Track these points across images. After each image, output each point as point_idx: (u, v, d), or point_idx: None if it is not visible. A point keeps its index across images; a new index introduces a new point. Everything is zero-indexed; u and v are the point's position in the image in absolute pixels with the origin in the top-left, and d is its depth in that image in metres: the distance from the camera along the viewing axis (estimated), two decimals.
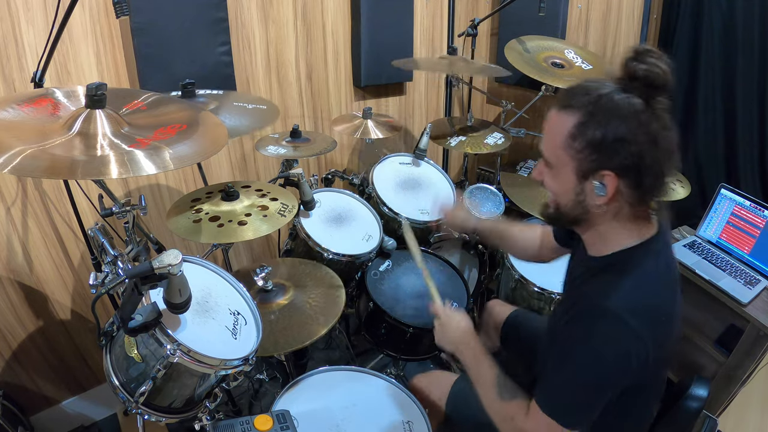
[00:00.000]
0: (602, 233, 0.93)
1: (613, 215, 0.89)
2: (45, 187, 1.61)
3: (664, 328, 0.88)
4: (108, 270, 1.07)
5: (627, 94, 0.81)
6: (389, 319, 1.58)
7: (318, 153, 1.81)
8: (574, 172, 0.87)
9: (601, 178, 0.84)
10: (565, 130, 0.85)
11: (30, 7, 1.44)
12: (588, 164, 0.84)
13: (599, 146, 0.82)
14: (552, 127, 0.89)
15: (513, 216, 2.21)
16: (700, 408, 1.08)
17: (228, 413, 1.74)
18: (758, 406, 2.01)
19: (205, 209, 1.36)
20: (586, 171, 0.85)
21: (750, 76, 2.10)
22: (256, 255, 2.31)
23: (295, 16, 2.04)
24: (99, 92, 1.01)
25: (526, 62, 2.02)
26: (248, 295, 1.19)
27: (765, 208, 1.80)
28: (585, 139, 0.83)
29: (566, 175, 0.88)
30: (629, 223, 0.90)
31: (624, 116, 0.80)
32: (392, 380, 1.37)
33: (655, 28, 2.32)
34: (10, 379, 1.69)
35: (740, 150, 2.21)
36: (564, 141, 0.85)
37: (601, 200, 0.86)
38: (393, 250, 1.81)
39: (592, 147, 0.83)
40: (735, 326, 1.74)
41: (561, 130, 0.86)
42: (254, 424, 1.08)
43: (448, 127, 2.29)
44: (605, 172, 0.83)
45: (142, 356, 0.98)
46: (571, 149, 0.85)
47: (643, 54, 0.81)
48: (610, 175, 0.83)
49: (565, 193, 0.91)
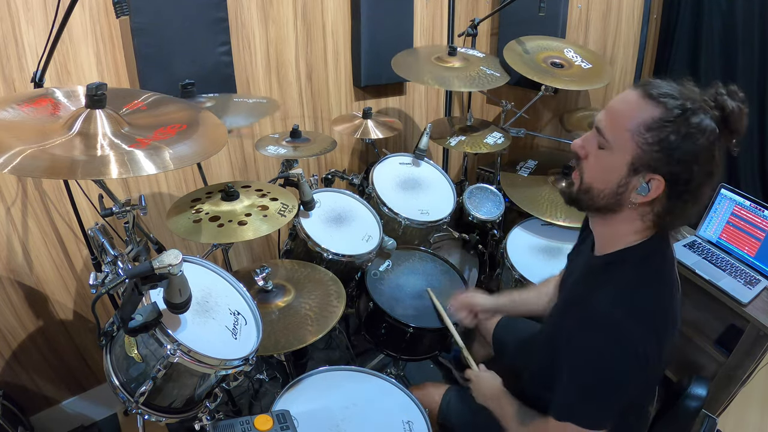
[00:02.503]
0: (616, 230, 0.93)
1: (639, 216, 0.89)
2: (45, 187, 1.61)
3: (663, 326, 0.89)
4: (108, 270, 1.07)
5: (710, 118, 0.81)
6: (389, 319, 1.58)
7: (318, 153, 1.81)
8: (629, 161, 0.84)
9: (651, 179, 0.83)
10: (642, 118, 0.82)
11: (30, 7, 1.44)
12: (648, 160, 0.83)
13: (668, 149, 0.81)
14: (626, 109, 0.85)
15: (513, 216, 2.22)
16: (699, 407, 1.08)
17: (228, 413, 1.74)
18: (758, 406, 2.01)
19: (205, 209, 1.36)
20: (641, 166, 0.83)
21: (750, 76, 2.09)
22: (256, 255, 2.32)
23: (295, 16, 2.04)
24: (99, 92, 1.01)
25: (525, 63, 2.02)
26: (248, 295, 1.19)
27: (765, 208, 1.80)
28: (659, 137, 0.81)
29: (619, 161, 0.85)
30: (646, 227, 0.90)
31: (701, 134, 0.80)
32: (392, 380, 1.37)
33: (655, 28, 2.32)
34: (10, 379, 1.69)
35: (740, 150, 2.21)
36: (636, 127, 0.83)
37: (640, 199, 0.85)
38: (393, 250, 1.81)
39: (662, 147, 0.81)
40: (735, 326, 1.74)
41: (637, 115, 0.83)
42: (254, 424, 1.08)
43: (448, 127, 2.30)
44: (657, 176, 0.83)
45: (142, 356, 0.98)
46: (641, 138, 0.82)
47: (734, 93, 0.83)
48: (660, 180, 0.83)
49: (607, 179, 0.88)
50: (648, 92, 0.83)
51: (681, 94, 0.82)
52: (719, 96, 0.82)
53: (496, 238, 2.19)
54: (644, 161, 0.83)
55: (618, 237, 0.93)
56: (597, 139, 0.89)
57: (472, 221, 2.08)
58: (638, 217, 0.89)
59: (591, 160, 0.90)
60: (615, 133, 0.85)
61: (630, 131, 0.83)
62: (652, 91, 0.83)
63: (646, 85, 0.84)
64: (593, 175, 0.90)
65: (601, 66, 2.13)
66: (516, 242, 1.98)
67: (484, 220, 2.07)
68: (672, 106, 0.81)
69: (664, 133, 0.80)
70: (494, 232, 2.17)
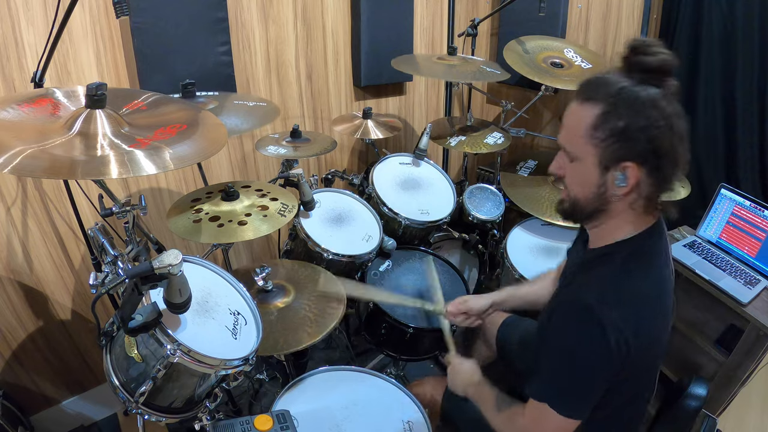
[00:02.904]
0: (610, 226, 0.95)
1: (629, 206, 0.91)
2: (45, 187, 1.61)
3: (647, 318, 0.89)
4: (108, 270, 1.07)
5: (644, 86, 0.84)
6: (389, 319, 1.58)
7: (318, 153, 1.81)
8: (596, 162, 0.88)
9: (624, 169, 0.86)
10: (588, 121, 0.87)
11: (30, 7, 1.44)
12: (610, 154, 0.86)
13: (622, 135, 0.84)
14: (574, 120, 0.90)
15: (513, 216, 2.22)
16: (699, 407, 1.08)
17: (228, 413, 1.74)
18: (758, 406, 2.01)
19: (205, 209, 1.36)
20: (609, 161, 0.87)
21: (750, 76, 2.09)
22: (256, 255, 2.31)
23: (295, 16, 2.04)
24: (99, 92, 1.01)
25: (525, 63, 2.02)
26: (248, 295, 1.19)
27: (765, 208, 1.80)
28: (608, 128, 0.85)
29: (588, 167, 0.90)
30: (638, 216, 0.93)
31: (644, 105, 0.83)
32: (392, 380, 1.37)
33: (655, 28, 2.32)
34: (10, 379, 1.69)
35: (740, 150, 2.21)
36: (586, 131, 0.87)
37: (622, 191, 0.88)
38: (393, 250, 1.81)
39: (616, 136, 0.85)
40: (735, 326, 1.74)
41: (583, 121, 0.88)
42: (254, 424, 1.08)
43: (448, 127, 2.30)
44: (627, 163, 0.86)
45: (142, 356, 0.98)
46: (594, 139, 0.87)
47: (650, 46, 0.85)
48: (632, 166, 0.86)
49: (587, 185, 0.92)
50: (583, 97, 0.89)
51: (612, 81, 0.86)
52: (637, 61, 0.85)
53: (496, 238, 2.19)
54: (608, 156, 0.87)
55: (611, 231, 0.95)
56: (566, 156, 0.94)
57: (472, 221, 2.08)
58: (628, 206, 0.91)
59: (569, 175, 0.96)
60: (574, 145, 0.91)
61: (583, 137, 0.88)
62: (586, 94, 0.88)
63: (580, 92, 0.90)
64: (574, 187, 0.95)
65: (601, 66, 2.13)
66: (516, 242, 1.98)
67: (484, 220, 2.07)
68: (605, 96, 0.85)
69: (610, 123, 0.85)
70: (494, 232, 2.17)
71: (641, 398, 1.04)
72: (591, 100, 0.87)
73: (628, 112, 0.83)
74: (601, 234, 0.98)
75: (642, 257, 0.92)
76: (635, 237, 0.93)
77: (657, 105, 0.83)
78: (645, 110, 0.83)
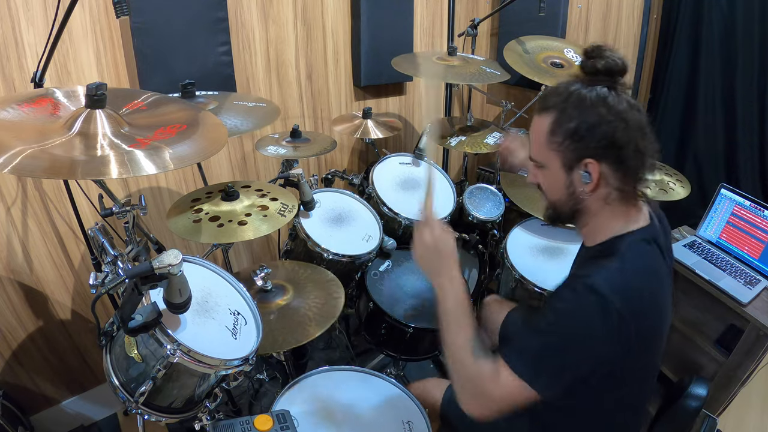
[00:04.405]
0: (597, 224, 0.99)
1: (604, 201, 0.95)
2: (45, 187, 1.61)
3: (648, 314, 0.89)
4: (108, 270, 1.06)
5: (592, 87, 0.90)
6: (389, 319, 1.58)
7: (318, 153, 1.81)
8: (560, 165, 0.94)
9: (585, 166, 0.91)
10: (546, 129, 0.94)
11: (30, 7, 1.44)
12: (570, 154, 0.92)
13: (575, 135, 0.90)
14: (535, 130, 0.97)
15: (513, 216, 2.22)
16: (699, 407, 1.08)
17: (228, 413, 1.74)
18: (758, 406, 2.01)
19: (205, 209, 1.36)
20: (571, 161, 0.93)
21: (750, 76, 2.10)
22: (256, 255, 2.31)
23: (295, 16, 2.04)
24: (99, 92, 1.01)
25: (525, 63, 2.02)
26: (248, 295, 1.19)
27: (765, 208, 1.80)
28: (562, 132, 0.91)
29: (555, 171, 0.96)
30: (619, 209, 0.95)
31: (592, 104, 0.88)
32: (392, 380, 1.37)
33: (655, 28, 2.32)
34: (10, 379, 1.69)
35: (740, 150, 2.21)
36: (546, 138, 0.94)
37: (589, 187, 0.92)
38: (393, 250, 1.81)
39: (570, 137, 0.91)
40: (735, 326, 1.74)
41: (542, 129, 0.95)
42: (254, 424, 1.08)
43: (448, 127, 2.30)
44: (587, 160, 0.90)
45: (142, 356, 0.98)
46: (554, 144, 0.93)
47: (598, 50, 0.91)
48: (591, 162, 0.90)
49: (558, 189, 0.98)
50: (540, 107, 0.96)
51: (562, 89, 0.93)
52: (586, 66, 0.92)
53: (496, 238, 2.18)
54: (569, 157, 0.93)
55: (601, 228, 0.98)
56: (535, 165, 1.01)
57: (472, 221, 2.07)
58: (603, 202, 0.95)
59: (542, 182, 1.02)
60: (539, 154, 0.98)
61: (545, 144, 0.95)
62: (542, 104, 0.96)
63: (538, 105, 0.98)
64: (549, 192, 1.01)
65: None
66: (516, 242, 1.97)
67: (484, 220, 2.07)
68: (555, 103, 0.92)
69: (563, 127, 0.91)
70: (494, 232, 2.17)
71: (641, 398, 1.04)
72: (546, 109, 0.94)
73: (577, 113, 0.89)
74: (592, 233, 1.00)
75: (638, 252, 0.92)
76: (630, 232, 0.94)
77: (605, 102, 0.88)
78: (594, 109, 0.88)
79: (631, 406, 1.04)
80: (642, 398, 1.06)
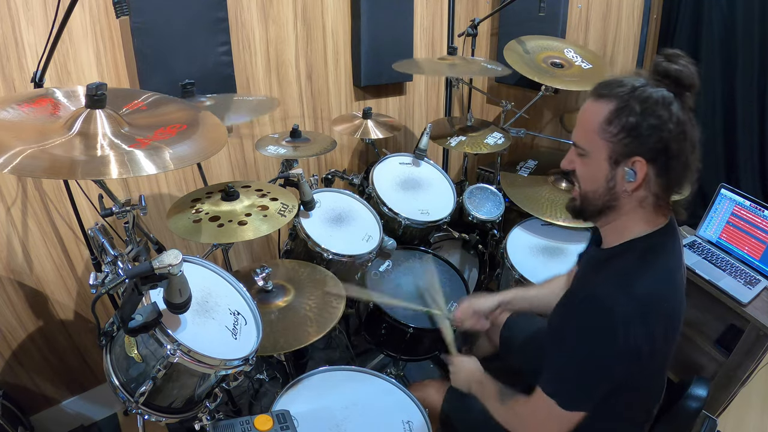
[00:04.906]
0: (622, 224, 0.97)
1: (638, 204, 0.93)
2: (45, 187, 1.61)
3: (660, 320, 0.89)
4: (108, 270, 1.06)
5: (659, 88, 0.87)
6: (389, 319, 1.58)
7: (318, 153, 1.81)
8: (607, 157, 0.91)
9: (633, 164, 0.89)
10: (601, 117, 0.90)
11: (30, 7, 1.44)
12: (621, 149, 0.89)
13: (633, 131, 0.87)
14: (587, 116, 0.93)
15: (513, 216, 2.22)
16: (699, 408, 1.08)
17: (228, 413, 1.74)
18: (758, 406, 2.01)
19: (205, 209, 1.36)
20: (619, 156, 0.90)
21: (750, 76, 2.09)
22: (256, 255, 2.31)
23: (295, 16, 2.04)
24: (99, 92, 1.01)
25: (525, 63, 2.02)
26: (248, 295, 1.19)
27: (765, 208, 1.80)
28: (620, 124, 0.88)
29: (599, 162, 0.92)
30: (649, 215, 0.94)
31: (657, 105, 0.86)
32: (392, 380, 1.37)
33: (655, 28, 2.32)
34: (10, 379, 1.69)
35: (740, 150, 2.21)
36: (599, 126, 0.90)
37: (631, 186, 0.90)
38: (393, 250, 1.81)
39: (627, 132, 0.88)
40: (735, 326, 1.74)
41: (596, 117, 0.91)
42: (254, 424, 1.08)
43: (448, 127, 2.30)
44: (636, 158, 0.88)
45: (142, 356, 0.98)
46: (606, 134, 0.90)
47: (675, 57, 0.88)
48: (640, 161, 0.88)
49: (597, 180, 0.94)
50: (598, 93, 0.92)
51: (627, 81, 0.90)
52: (660, 65, 0.89)
53: (496, 238, 2.19)
54: (619, 151, 0.90)
55: (624, 229, 0.96)
56: (577, 152, 0.97)
57: (472, 221, 2.08)
58: (638, 204, 0.93)
59: (579, 170, 0.98)
60: (586, 140, 0.94)
61: (596, 132, 0.91)
62: (601, 91, 0.92)
63: (596, 89, 0.93)
64: (585, 181, 0.98)
65: (601, 66, 2.13)
66: (516, 242, 1.98)
67: (484, 220, 2.07)
68: (620, 93, 0.88)
69: (622, 119, 0.87)
70: (494, 232, 2.17)
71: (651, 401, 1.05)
72: (605, 97, 0.90)
73: (640, 109, 0.86)
74: (613, 232, 0.98)
75: (657, 255, 0.93)
76: (650, 235, 0.94)
77: (669, 107, 0.85)
78: (657, 110, 0.85)
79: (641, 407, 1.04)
80: (651, 403, 1.06)
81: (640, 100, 0.86)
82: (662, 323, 0.89)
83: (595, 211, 0.98)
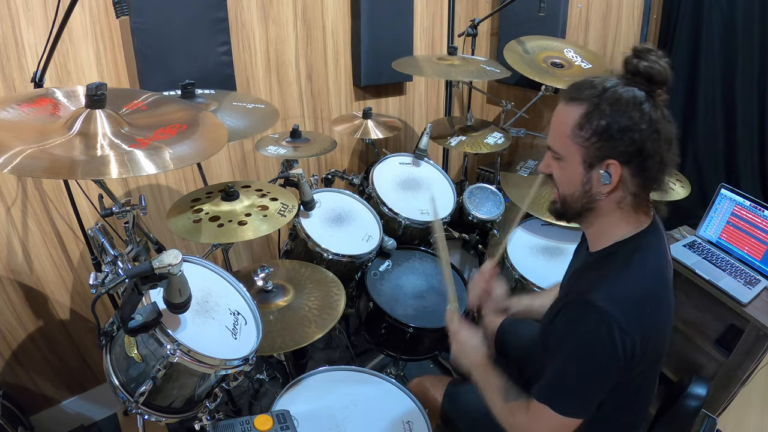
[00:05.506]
0: (604, 226, 0.97)
1: (617, 205, 0.93)
2: (45, 187, 1.61)
3: (652, 320, 0.89)
4: (108, 270, 1.06)
5: (630, 87, 0.86)
6: (389, 319, 1.58)
7: (318, 153, 1.81)
8: (581, 161, 0.91)
9: (607, 167, 0.88)
10: (572, 121, 0.89)
11: (30, 7, 1.44)
12: (594, 152, 0.88)
13: (605, 134, 0.86)
14: (559, 120, 0.93)
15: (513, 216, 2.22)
16: (699, 407, 1.08)
17: (228, 413, 1.74)
18: (758, 406, 2.01)
19: (205, 209, 1.36)
20: (593, 159, 0.89)
21: (750, 76, 2.09)
22: (256, 255, 2.31)
23: (295, 16, 2.04)
24: (99, 92, 1.01)
25: (525, 63, 2.02)
26: (248, 295, 1.19)
27: (765, 208, 1.80)
28: (591, 128, 0.87)
29: (574, 165, 0.92)
30: (629, 215, 0.94)
31: (627, 106, 0.85)
32: (392, 380, 1.37)
33: (655, 28, 2.32)
34: (10, 379, 1.69)
35: (740, 150, 2.21)
36: (571, 131, 0.90)
37: (606, 188, 0.90)
38: (393, 250, 1.81)
39: (599, 135, 0.87)
40: (735, 326, 1.74)
41: (568, 120, 0.90)
42: (254, 424, 1.08)
43: (448, 127, 2.30)
44: (610, 161, 0.88)
45: (142, 356, 0.98)
46: (579, 138, 0.89)
47: (645, 52, 0.87)
48: (614, 163, 0.88)
49: (573, 184, 0.94)
50: (569, 97, 0.91)
51: (598, 82, 0.88)
52: (630, 63, 0.87)
53: (496, 238, 2.19)
54: (592, 155, 0.89)
55: (607, 232, 0.96)
56: (552, 156, 0.97)
57: (472, 221, 2.08)
58: (616, 205, 0.93)
59: (556, 174, 0.98)
60: (560, 145, 0.93)
61: (568, 137, 0.90)
62: (571, 94, 0.91)
63: (567, 92, 0.92)
64: (562, 185, 0.97)
65: (601, 66, 2.13)
66: (516, 242, 1.98)
67: (484, 219, 2.07)
68: (589, 96, 0.88)
69: (593, 123, 0.87)
70: (494, 231, 2.17)
71: (643, 399, 1.04)
72: (576, 100, 0.90)
73: (610, 111, 0.85)
74: (598, 235, 0.99)
75: (645, 256, 0.93)
76: (635, 236, 0.94)
77: (640, 107, 0.85)
78: (628, 111, 0.85)
79: (633, 409, 1.04)
80: (644, 401, 1.06)
81: (610, 102, 0.85)
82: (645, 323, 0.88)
83: (575, 213, 0.98)
